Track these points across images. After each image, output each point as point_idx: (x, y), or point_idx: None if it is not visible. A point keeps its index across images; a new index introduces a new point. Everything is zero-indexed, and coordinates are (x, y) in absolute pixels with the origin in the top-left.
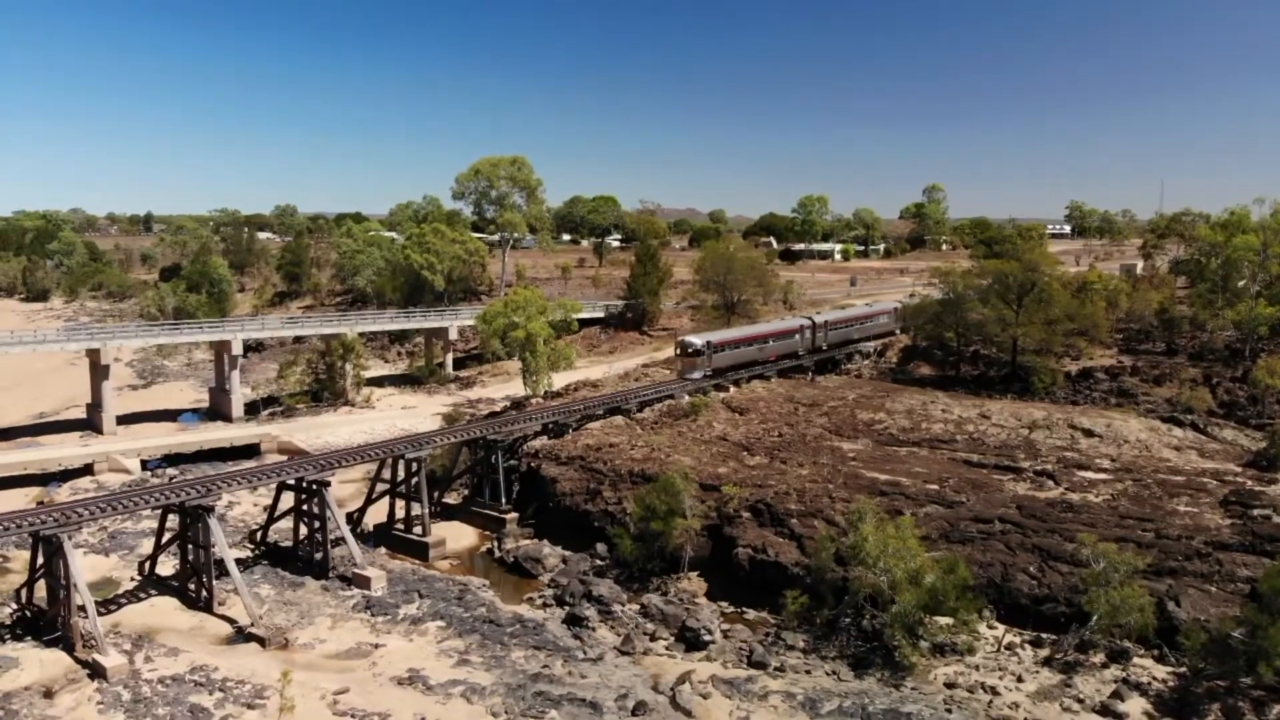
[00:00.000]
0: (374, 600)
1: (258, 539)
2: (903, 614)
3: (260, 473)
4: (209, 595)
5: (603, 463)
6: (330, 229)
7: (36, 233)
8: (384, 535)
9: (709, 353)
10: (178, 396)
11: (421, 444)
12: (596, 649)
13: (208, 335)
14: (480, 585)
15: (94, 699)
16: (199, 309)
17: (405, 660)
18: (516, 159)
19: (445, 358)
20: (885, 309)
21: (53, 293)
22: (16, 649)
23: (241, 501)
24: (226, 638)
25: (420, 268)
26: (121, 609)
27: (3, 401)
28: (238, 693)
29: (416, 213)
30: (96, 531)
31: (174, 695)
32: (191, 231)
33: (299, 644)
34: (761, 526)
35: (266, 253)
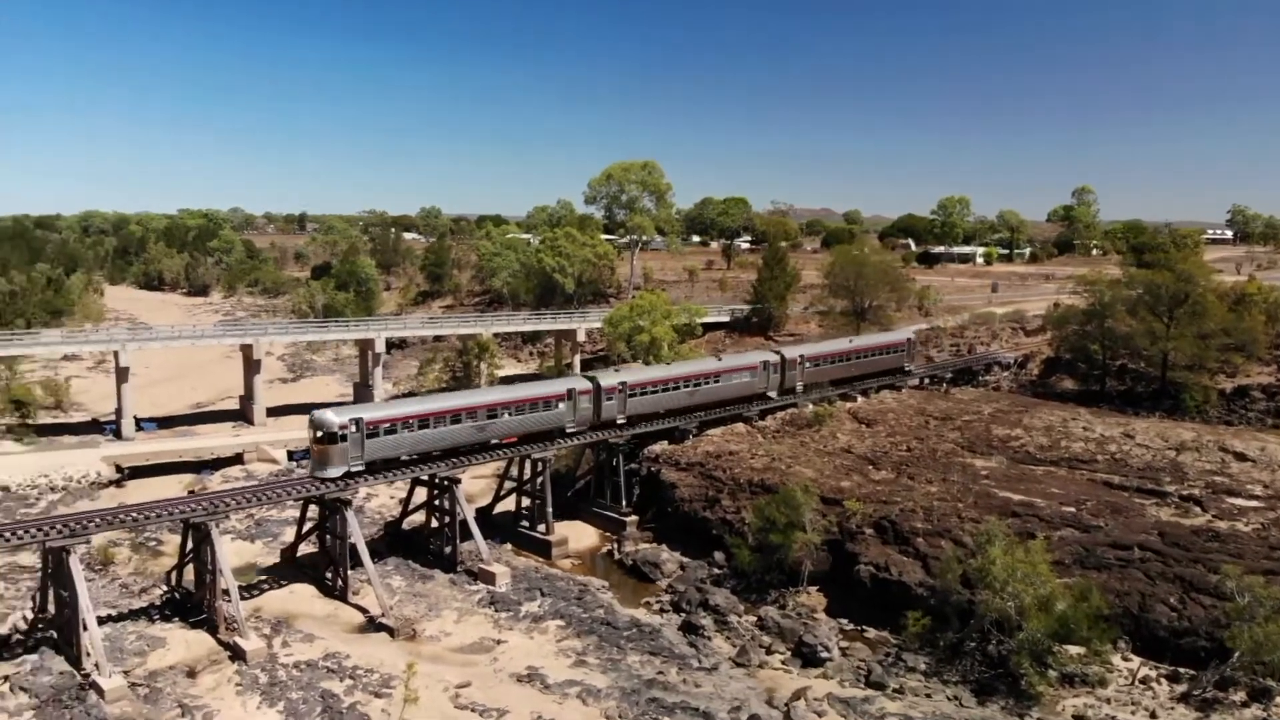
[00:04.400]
0: (498, 596)
1: (392, 531)
2: (1031, 641)
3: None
4: (344, 584)
5: (722, 470)
6: (471, 231)
7: (198, 231)
8: (510, 532)
9: (623, 393)
10: (324, 391)
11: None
12: (711, 658)
13: (353, 333)
14: (600, 586)
15: (233, 680)
16: (347, 307)
17: (525, 657)
18: (647, 163)
19: (573, 359)
20: (894, 340)
21: (212, 288)
22: (165, 629)
23: (379, 494)
24: (359, 626)
25: (552, 270)
26: (263, 594)
27: (164, 392)
28: (366, 681)
29: (551, 216)
30: (243, 519)
31: (307, 680)
32: (341, 231)
33: (426, 636)
34: (885, 544)
35: (411, 253)
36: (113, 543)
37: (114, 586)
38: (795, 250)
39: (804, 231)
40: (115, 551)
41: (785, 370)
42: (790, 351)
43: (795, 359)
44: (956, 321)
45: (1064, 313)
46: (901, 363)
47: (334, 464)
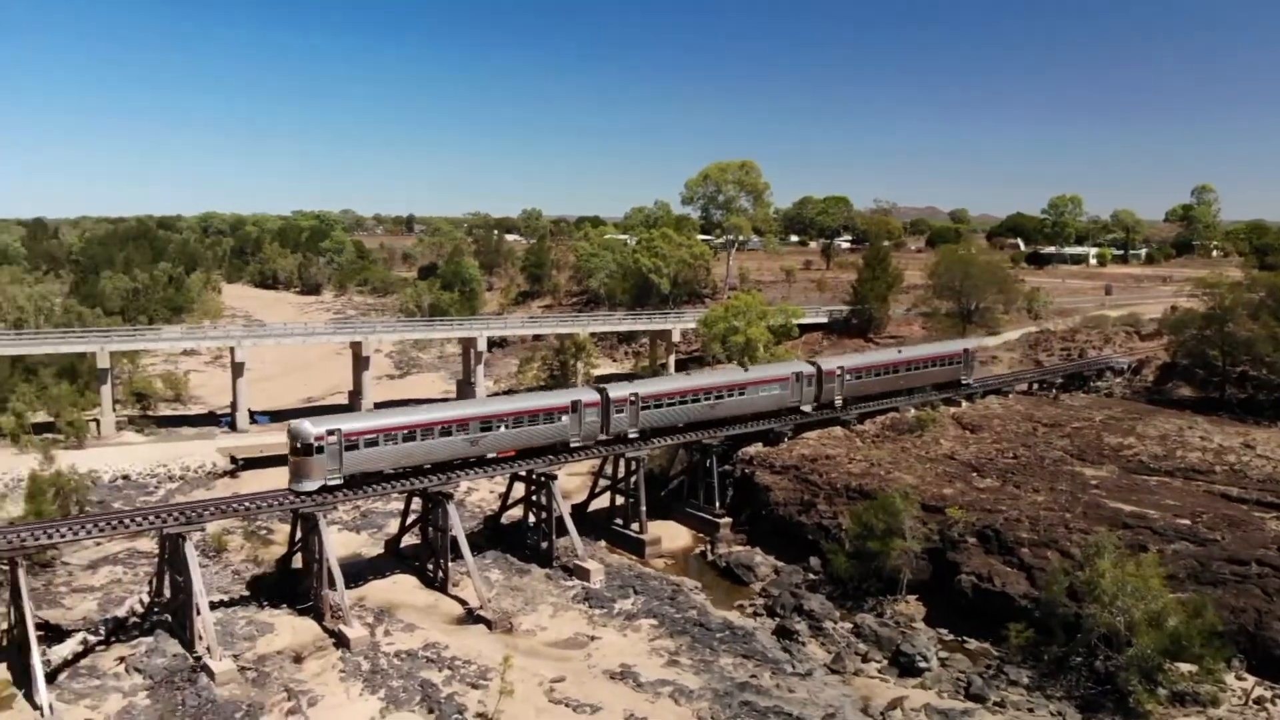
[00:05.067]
0: (592, 592)
1: (491, 525)
2: (1140, 657)
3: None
4: (444, 576)
5: (818, 474)
6: (570, 232)
7: (311, 232)
8: (604, 529)
9: (635, 405)
10: (429, 387)
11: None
12: (806, 664)
13: (456, 332)
14: (692, 587)
15: (337, 667)
16: (451, 306)
17: (618, 655)
18: (745, 163)
19: (668, 359)
20: (948, 350)
21: (324, 287)
22: (274, 615)
23: (479, 489)
24: (458, 618)
25: (648, 271)
26: (367, 584)
27: (277, 386)
28: (464, 672)
29: (648, 217)
30: (349, 510)
31: (407, 669)
32: (447, 233)
33: (522, 629)
34: (988, 554)
35: (512, 254)
36: (226, 531)
37: (226, 573)
38: (898, 250)
39: (907, 231)
40: (228, 539)
41: (822, 383)
42: (828, 362)
43: (833, 371)
44: (1067, 325)
45: (1182, 317)
46: (958, 375)
47: (310, 477)
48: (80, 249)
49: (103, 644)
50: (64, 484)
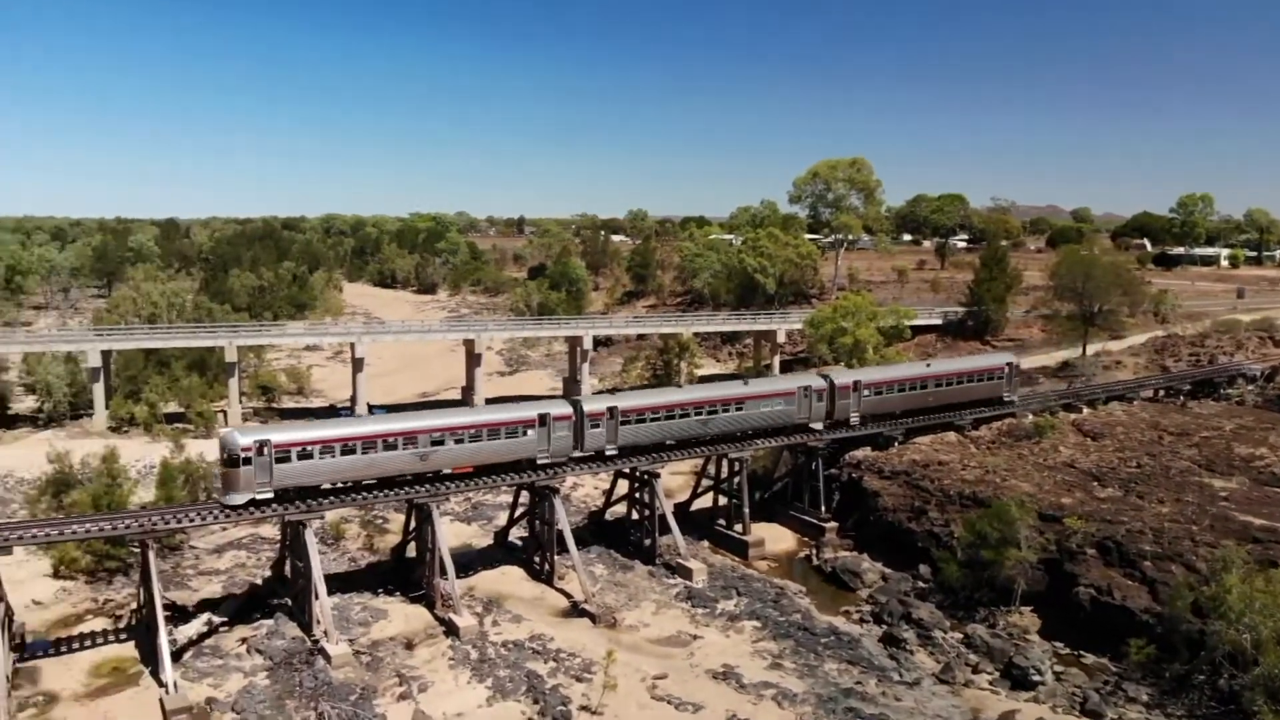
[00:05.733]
0: (695, 591)
1: (596, 520)
2: (1267, 676)
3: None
4: (550, 569)
5: (930, 480)
6: (675, 232)
7: (428, 233)
8: (707, 529)
9: (613, 420)
10: (536, 384)
11: (744, 445)
12: (913, 673)
13: (563, 330)
14: (797, 591)
15: (446, 654)
16: (559, 305)
17: (721, 655)
18: (856, 160)
19: (772, 360)
20: (988, 364)
21: (439, 286)
22: (387, 602)
23: (584, 484)
24: (563, 611)
25: (753, 271)
26: (477, 574)
27: (394, 381)
28: (568, 664)
29: (754, 216)
30: (460, 502)
31: (514, 659)
32: (555, 234)
33: (625, 625)
34: (1108, 566)
35: (618, 254)
36: (344, 519)
37: (343, 560)
38: (1017, 250)
39: (1027, 230)
40: (346, 527)
41: (834, 398)
42: (843, 376)
43: (847, 385)
44: (1196, 329)
45: None
46: (998, 391)
47: (237, 490)
48: (210, 248)
49: (226, 625)
50: (193, 471)
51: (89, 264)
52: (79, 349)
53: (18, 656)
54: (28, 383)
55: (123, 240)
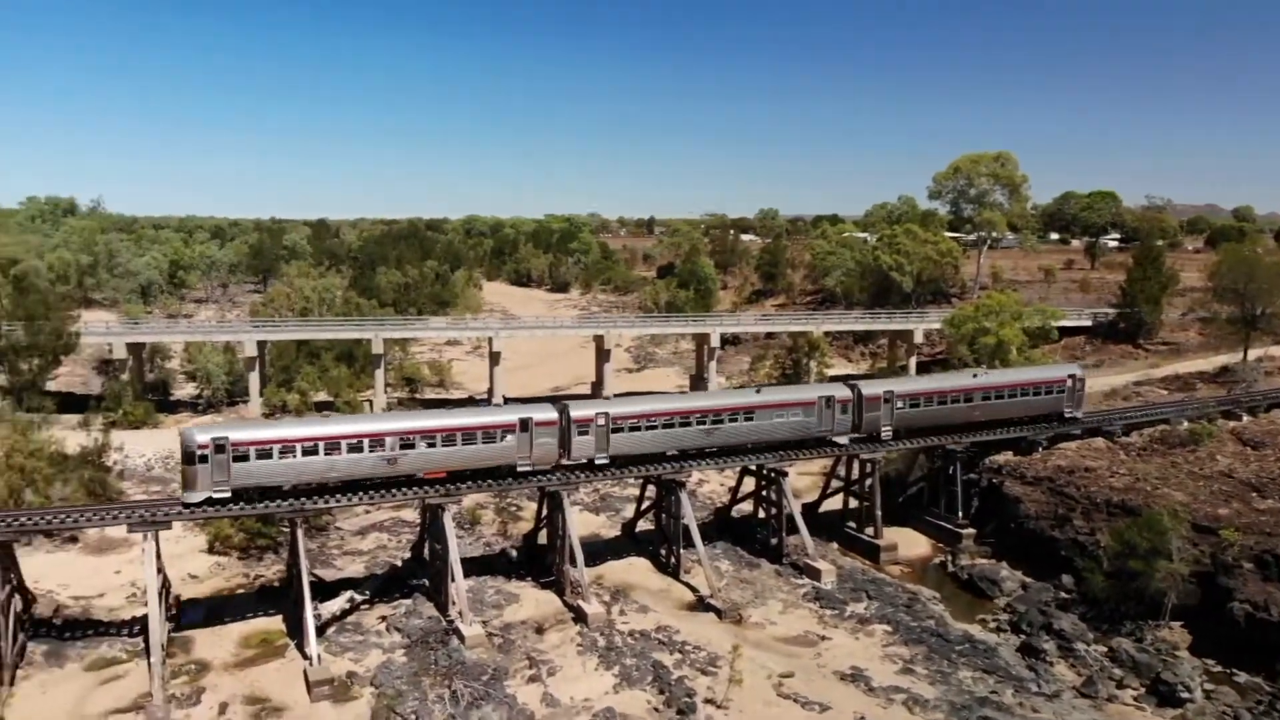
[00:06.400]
0: (823, 592)
1: (722, 517)
2: None
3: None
4: (676, 562)
5: (1075, 487)
6: (807, 231)
7: (561, 234)
8: (836, 531)
9: (604, 428)
10: (663, 380)
11: (875, 446)
12: (1053, 685)
13: (690, 328)
14: (930, 597)
15: (574, 640)
16: (686, 303)
17: (849, 656)
18: (1000, 154)
19: (909, 361)
20: (1045, 377)
21: (571, 285)
22: (519, 586)
23: (710, 480)
24: (688, 604)
25: (889, 269)
26: (605, 563)
27: (528, 375)
28: (694, 657)
29: (890, 213)
30: (590, 492)
31: (640, 649)
32: (685, 233)
33: (751, 621)
34: (1266, 580)
35: (748, 253)
36: (479, 505)
37: (478, 544)
38: (1173, 250)
39: (1183, 229)
40: (481, 513)
41: (861, 410)
42: (873, 386)
43: (877, 396)
44: None
45: None
46: (1058, 407)
47: (195, 487)
48: (358, 247)
49: (367, 603)
50: None
51: (246, 261)
52: (237, 339)
53: (173, 626)
54: (189, 370)
55: (277, 239)
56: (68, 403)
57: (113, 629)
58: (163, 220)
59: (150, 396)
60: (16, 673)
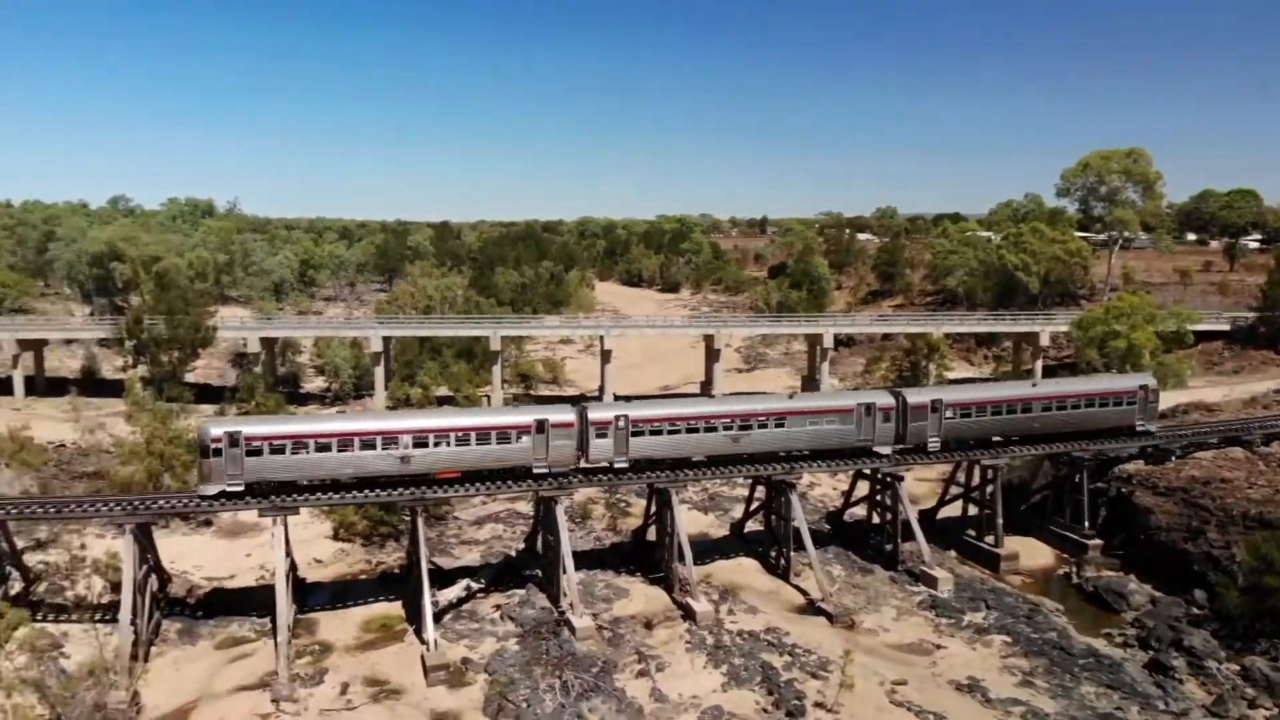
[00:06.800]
0: (939, 600)
1: (834, 521)
2: None
3: (840, 459)
4: (786, 565)
5: (1210, 499)
6: (927, 230)
7: (673, 234)
8: (954, 538)
9: (623, 430)
10: (773, 381)
11: (998, 451)
12: (1181, 703)
13: (803, 328)
14: (1053, 609)
15: (683, 637)
16: (799, 304)
17: (966, 667)
18: (1133, 151)
19: (1034, 365)
20: (1114, 387)
21: (682, 285)
22: (629, 581)
23: (821, 483)
24: (798, 607)
25: (1014, 268)
26: (713, 562)
27: (638, 374)
28: (804, 660)
29: (1016, 211)
30: (698, 491)
31: (749, 649)
32: (798, 233)
33: (863, 627)
34: None
35: (864, 253)
36: (590, 500)
37: (589, 538)
38: None
39: None
40: (592, 508)
41: (905, 419)
42: (918, 394)
43: (923, 405)
44: None
45: None
46: (1129, 419)
47: (210, 480)
48: (478, 248)
49: (483, 592)
50: None
51: (373, 261)
52: (363, 335)
53: (298, 608)
54: (318, 365)
55: (402, 240)
56: (205, 393)
57: (242, 609)
58: (294, 221)
59: (281, 389)
60: (151, 649)
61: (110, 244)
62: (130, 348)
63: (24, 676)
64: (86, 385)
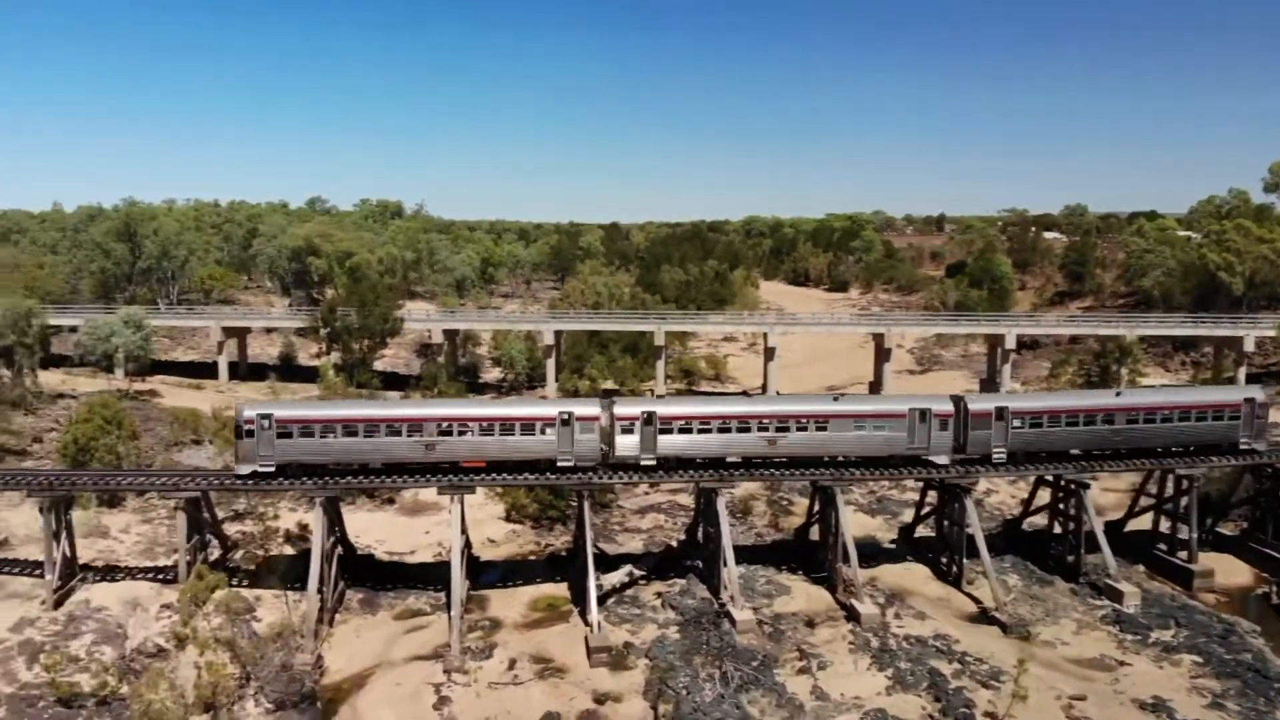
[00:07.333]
0: (1124, 615)
1: (1012, 529)
2: None
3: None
4: (958, 572)
5: None
6: (1120, 228)
7: (842, 232)
8: (1142, 552)
9: (651, 427)
10: (948, 384)
11: (1195, 460)
12: None
13: (983, 328)
14: (1250, 630)
15: (846, 638)
16: (978, 304)
17: (1151, 685)
18: None
19: (1237, 372)
20: (1213, 399)
21: (851, 285)
22: (790, 579)
23: (999, 490)
24: (970, 615)
25: (1216, 269)
26: (879, 566)
27: (802, 373)
28: (974, 669)
29: (1219, 208)
30: (865, 493)
31: (916, 654)
32: (979, 231)
33: (1040, 640)
34: None
35: (1050, 252)
36: (751, 495)
37: (750, 534)
38: None
39: None
40: (753, 504)
41: (965, 426)
42: (981, 401)
43: (986, 412)
44: None
45: None
46: (1231, 435)
47: (242, 461)
48: (645, 247)
49: (644, 579)
50: None
51: (547, 260)
52: (537, 329)
53: (471, 585)
54: (495, 356)
55: (574, 240)
56: (391, 381)
57: (419, 583)
58: (476, 223)
59: (461, 378)
60: (335, 616)
61: (308, 241)
62: (324, 336)
63: (219, 636)
64: (284, 370)
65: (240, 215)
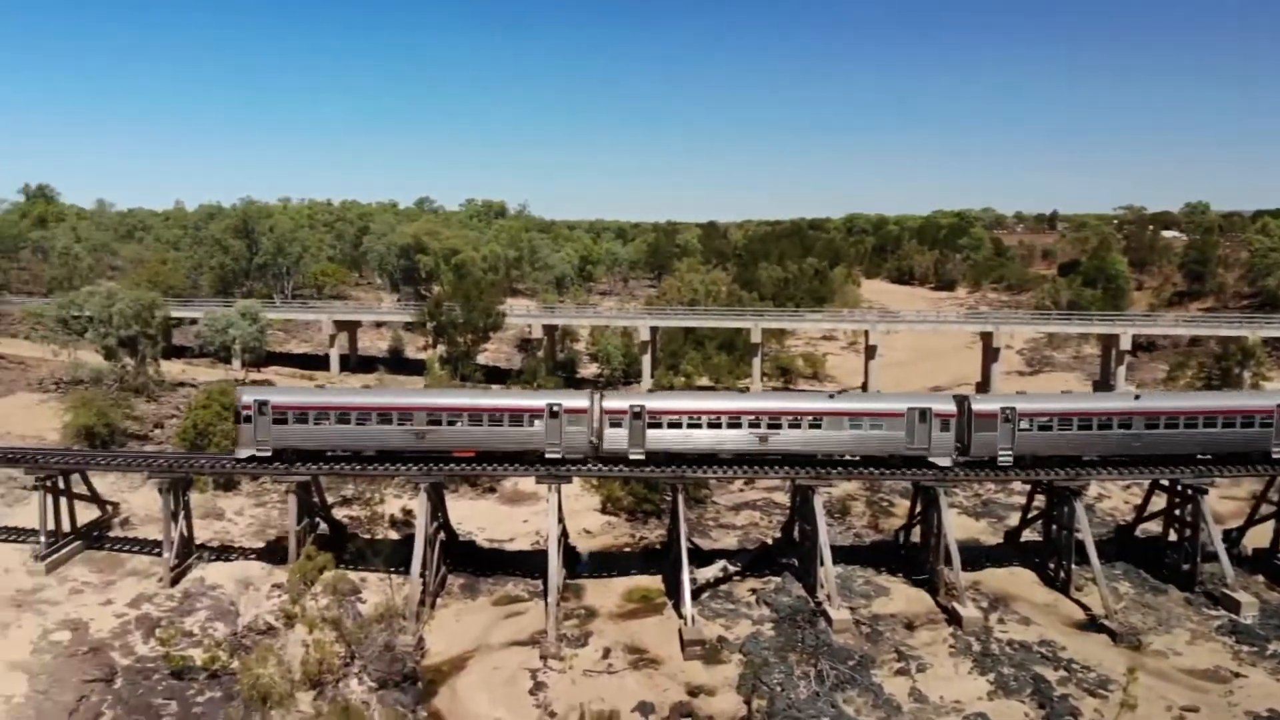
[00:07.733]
0: (1241, 626)
1: (1124, 535)
2: None
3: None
4: (1066, 577)
5: None
6: (1244, 227)
7: (949, 229)
8: (1264, 562)
9: (640, 421)
10: (1058, 385)
11: None
12: None
13: (1097, 328)
14: None
15: (947, 641)
16: (1092, 303)
17: (1268, 698)
18: None
19: None
20: (1241, 404)
21: (958, 283)
22: (889, 581)
23: (1111, 495)
24: (1077, 622)
25: None
26: (983, 570)
27: (904, 373)
28: (1081, 677)
29: None
30: (969, 495)
31: (1020, 660)
32: (1094, 228)
33: (1151, 649)
34: None
35: (1169, 251)
36: (850, 496)
37: (848, 534)
38: None
39: None
40: (852, 504)
41: (969, 428)
42: (986, 401)
43: (991, 413)
44: None
45: None
46: (1264, 444)
47: (241, 445)
48: (743, 245)
49: (739, 575)
50: None
51: (644, 258)
52: (633, 325)
53: (567, 573)
54: (592, 352)
55: (671, 239)
56: (493, 374)
57: (517, 571)
58: (576, 223)
59: (560, 373)
60: (437, 600)
61: (416, 239)
62: (431, 330)
63: (326, 615)
64: (392, 363)
65: (352, 214)
